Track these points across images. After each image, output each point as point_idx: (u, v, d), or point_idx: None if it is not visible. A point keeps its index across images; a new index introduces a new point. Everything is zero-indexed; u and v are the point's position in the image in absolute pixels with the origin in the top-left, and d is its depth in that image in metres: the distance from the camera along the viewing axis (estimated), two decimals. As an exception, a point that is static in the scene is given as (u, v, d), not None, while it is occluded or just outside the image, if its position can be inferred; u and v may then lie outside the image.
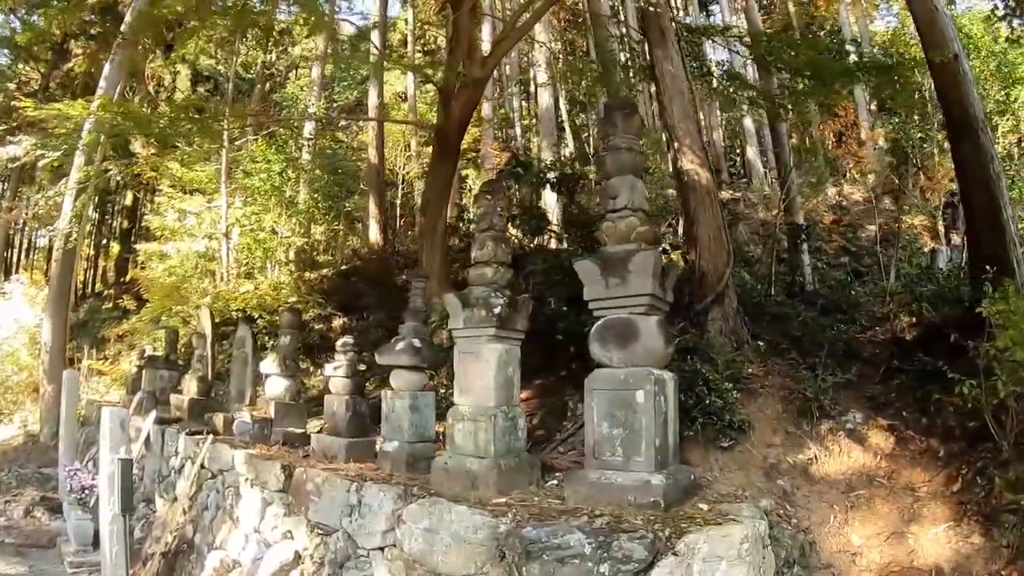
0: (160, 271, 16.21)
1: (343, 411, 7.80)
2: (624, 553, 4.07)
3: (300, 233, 16.59)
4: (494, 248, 6.12)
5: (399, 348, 7.03)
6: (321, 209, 17.00)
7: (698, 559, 4.08)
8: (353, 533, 5.68)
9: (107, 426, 8.36)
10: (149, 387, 12.85)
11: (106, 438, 8.37)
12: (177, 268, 15.82)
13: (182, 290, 14.99)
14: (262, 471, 7.39)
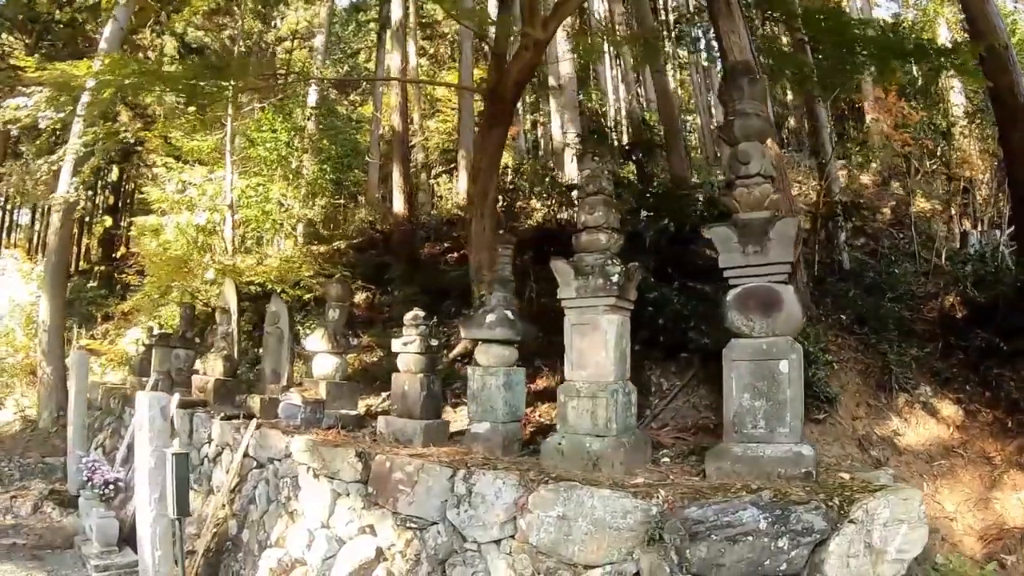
0: (155, 247, 14.44)
1: (417, 390, 6.74)
2: (803, 525, 3.73)
3: (309, 205, 14.96)
4: (605, 213, 5.44)
5: (491, 320, 6.17)
6: (328, 181, 15.38)
7: (878, 525, 3.86)
8: (461, 526, 4.84)
9: (145, 414, 6.88)
10: (162, 368, 11.19)
11: (144, 428, 6.87)
12: (172, 243, 14.07)
13: (190, 264, 13.27)
14: (331, 460, 6.25)
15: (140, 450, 6.98)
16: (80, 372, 10.29)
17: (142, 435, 6.94)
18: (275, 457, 7.25)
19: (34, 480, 10.77)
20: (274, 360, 9.39)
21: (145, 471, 6.88)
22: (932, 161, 15.59)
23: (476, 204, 10.16)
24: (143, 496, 6.92)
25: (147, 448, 6.89)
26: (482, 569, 4.68)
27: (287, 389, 8.65)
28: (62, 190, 12.54)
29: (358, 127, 18.32)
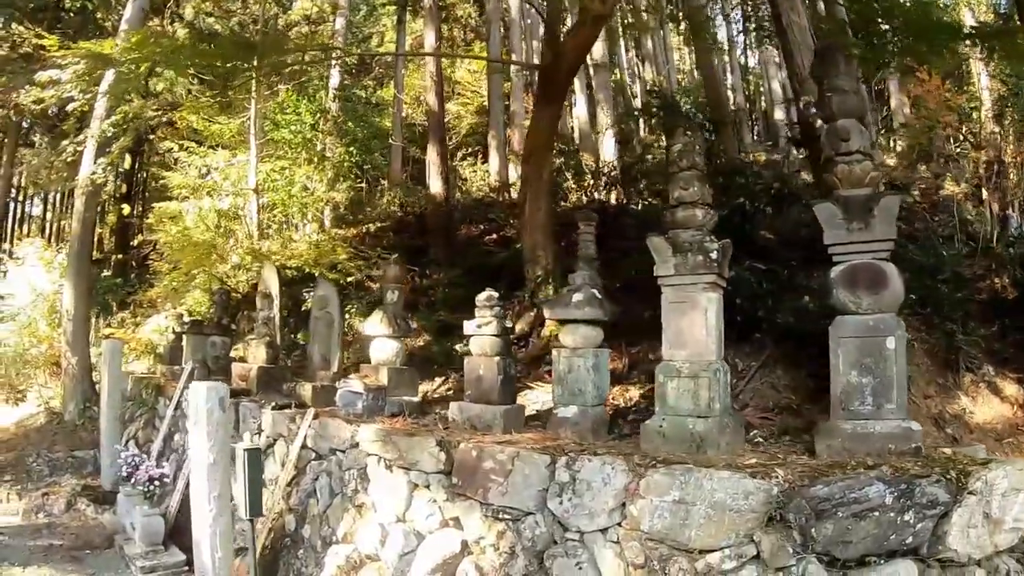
0: (174, 233, 13.52)
1: (494, 374, 6.18)
2: (928, 499, 3.71)
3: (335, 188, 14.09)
4: (700, 188, 5.16)
5: (578, 299, 5.75)
6: (354, 163, 14.51)
7: (996, 495, 3.85)
8: (563, 515, 4.49)
9: (202, 406, 6.09)
10: (197, 355, 10.35)
11: (202, 421, 6.09)
12: (193, 229, 13.16)
13: (217, 249, 12.39)
14: (408, 449, 5.71)
15: (196, 445, 6.18)
16: (113, 362, 9.45)
17: (199, 429, 6.14)
18: (338, 448, 6.62)
19: (64, 475, 9.94)
20: (324, 346, 8.62)
21: (203, 467, 6.10)
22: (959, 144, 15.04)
23: (530, 184, 9.44)
24: (200, 494, 6.13)
25: (204, 443, 6.10)
26: (586, 560, 4.35)
27: (345, 376, 7.89)
28: (85, 173, 11.62)
29: (376, 110, 17.37)
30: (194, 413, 6.22)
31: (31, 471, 10.01)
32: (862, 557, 3.62)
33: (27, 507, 8.94)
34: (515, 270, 10.38)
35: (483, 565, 4.83)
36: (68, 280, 11.70)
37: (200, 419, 6.10)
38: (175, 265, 13.01)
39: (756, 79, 19.95)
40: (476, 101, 18.34)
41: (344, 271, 11.06)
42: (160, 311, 15.77)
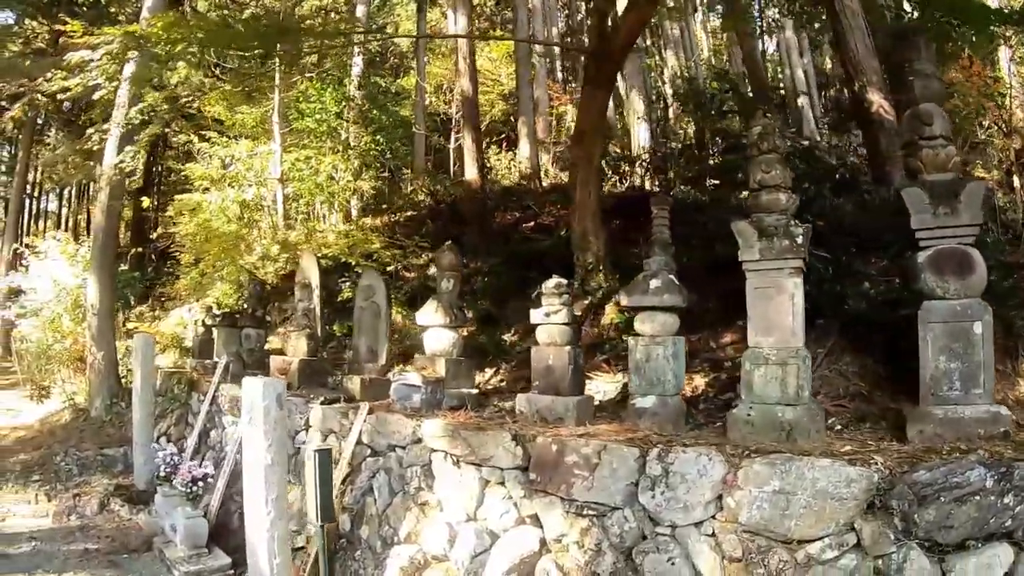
0: (193, 226, 12.92)
1: (564, 364, 5.84)
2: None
3: (362, 177, 13.49)
4: (782, 171, 5.00)
5: (656, 286, 5.44)
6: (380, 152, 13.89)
7: None
8: (655, 509, 4.23)
9: (259, 404, 5.49)
10: (230, 349, 9.76)
11: (258, 419, 5.51)
12: (213, 220, 12.54)
13: (246, 240, 11.77)
14: (480, 445, 5.31)
15: (252, 445, 5.59)
16: (145, 357, 8.81)
17: (254, 428, 5.55)
18: (398, 444, 6.11)
19: (94, 474, 9.30)
20: (370, 337, 8.01)
21: (260, 468, 5.50)
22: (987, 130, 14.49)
23: (580, 170, 8.85)
24: (257, 497, 5.55)
25: (261, 443, 5.50)
26: (678, 555, 4.09)
27: (401, 368, 7.29)
28: (109, 163, 10.96)
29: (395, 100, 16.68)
30: (248, 411, 5.63)
31: (59, 470, 9.38)
32: (962, 541, 3.49)
33: (58, 508, 8.32)
34: (558, 257, 9.81)
35: (565, 563, 4.52)
36: (92, 273, 11.05)
37: (256, 417, 5.51)
38: (199, 257, 12.37)
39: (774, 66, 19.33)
40: (496, 89, 17.70)
41: (380, 260, 10.43)
42: (183, 304, 15.17)
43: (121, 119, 10.77)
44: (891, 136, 8.46)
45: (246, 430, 5.69)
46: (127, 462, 9.67)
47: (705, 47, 21.26)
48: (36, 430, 11.04)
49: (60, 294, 11.82)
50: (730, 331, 7.22)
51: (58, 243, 12.43)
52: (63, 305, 11.77)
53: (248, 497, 5.65)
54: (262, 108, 13.15)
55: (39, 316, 11.70)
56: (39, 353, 11.59)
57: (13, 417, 11.96)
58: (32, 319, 11.77)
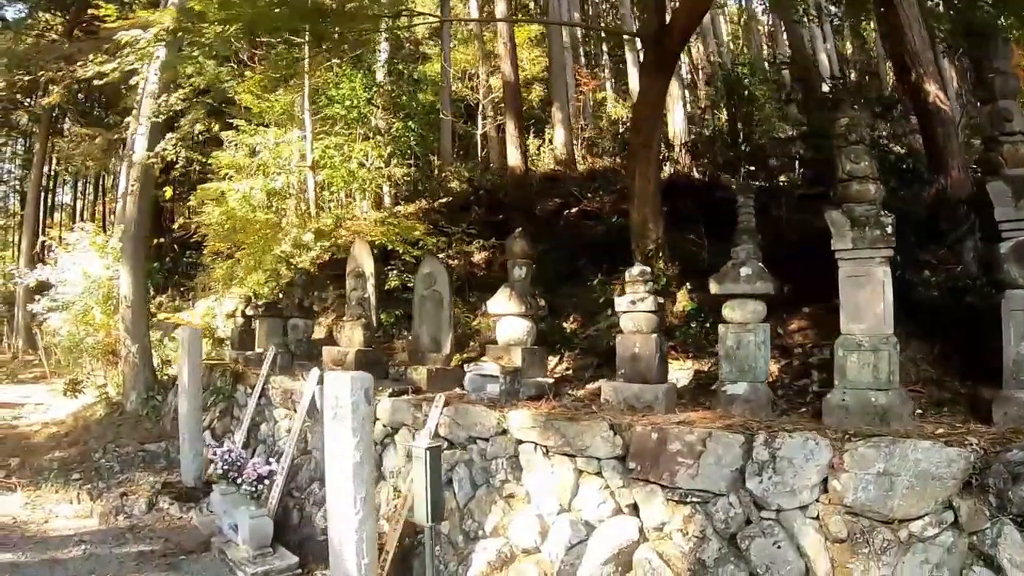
0: (218, 215, 12.30)
1: (651, 352, 5.64)
2: None
3: (396, 163, 12.92)
4: (869, 162, 4.97)
5: (747, 273, 5.29)
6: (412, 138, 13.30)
7: None
8: (762, 494, 4.15)
9: (345, 399, 4.97)
10: (273, 339, 9.21)
11: (346, 416, 4.97)
12: (237, 209, 11.93)
13: (284, 228, 11.17)
14: (576, 435, 5.06)
15: (338, 442, 5.09)
16: (192, 349, 8.23)
17: (341, 425, 5.06)
18: (480, 436, 5.78)
19: (136, 471, 8.72)
20: (433, 327, 7.50)
21: (348, 466, 5.00)
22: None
23: (639, 156, 8.32)
24: (344, 496, 5.04)
25: (349, 440, 5.00)
26: (783, 538, 4.03)
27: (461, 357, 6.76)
28: (140, 151, 10.35)
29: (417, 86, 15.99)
30: (332, 406, 5.12)
31: (100, 468, 8.80)
32: (1055, 517, 3.51)
33: (104, 509, 7.76)
34: (611, 244, 9.35)
35: (666, 551, 4.34)
36: (124, 264, 10.45)
37: (343, 413, 5.01)
38: (236, 246, 11.74)
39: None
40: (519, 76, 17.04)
41: (425, 247, 9.87)
42: (209, 294, 14.58)
43: (152, 108, 10.19)
44: (948, 127, 8.35)
45: (330, 426, 5.16)
46: (169, 458, 9.12)
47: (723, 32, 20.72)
48: (69, 426, 10.43)
49: (91, 286, 11.17)
50: (796, 318, 7.07)
51: (87, 234, 11.74)
52: (94, 298, 11.13)
53: (333, 496, 5.16)
54: (290, 95, 12.50)
55: (70, 309, 11.05)
56: (71, 347, 10.95)
57: (44, 412, 11.34)
58: (62, 312, 11.11)
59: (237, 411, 8.98)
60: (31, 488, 8.47)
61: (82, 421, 10.43)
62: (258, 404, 8.42)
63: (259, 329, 9.91)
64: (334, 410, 5.12)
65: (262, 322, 9.78)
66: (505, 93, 11.69)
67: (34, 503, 8.10)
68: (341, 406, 5.05)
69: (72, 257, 11.39)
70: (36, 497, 8.25)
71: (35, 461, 9.25)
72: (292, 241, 11.28)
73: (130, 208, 10.51)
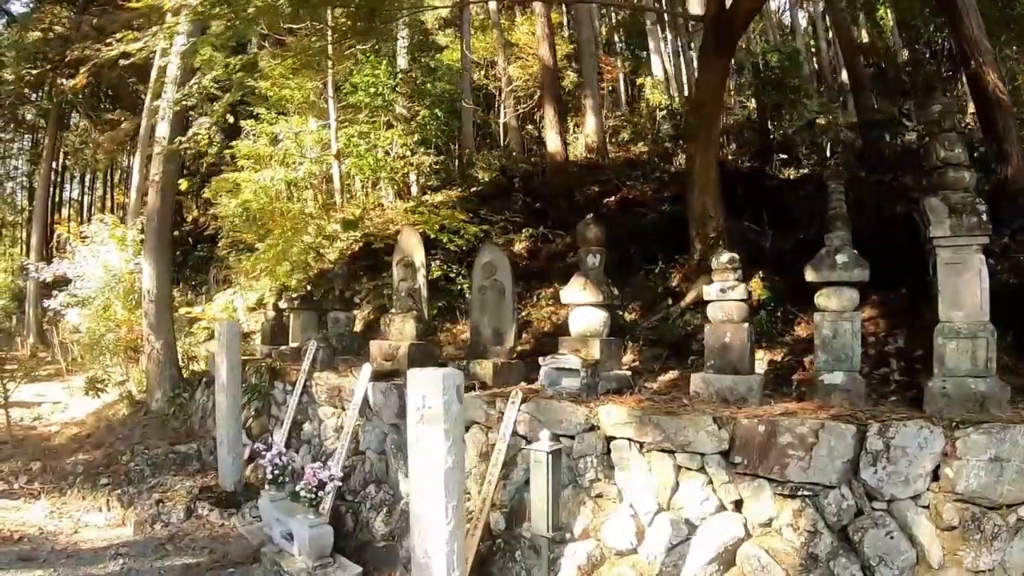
0: (233, 206, 11.54)
1: (743, 341, 5.27)
2: None
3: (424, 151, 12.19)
4: (963, 150, 4.78)
5: (843, 261, 5.01)
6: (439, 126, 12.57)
7: None
8: (876, 484, 3.97)
9: (435, 398, 4.32)
10: (308, 333, 8.51)
11: (437, 416, 4.31)
12: (253, 201, 11.18)
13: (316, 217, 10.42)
14: (677, 430, 4.65)
15: (426, 446, 4.44)
16: (232, 345, 7.47)
17: (429, 426, 4.41)
18: (566, 433, 5.19)
19: (168, 475, 7.96)
20: (495, 318, 6.83)
21: (438, 472, 4.33)
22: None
23: (700, 141, 7.86)
24: (433, 504, 4.37)
25: (440, 443, 4.35)
26: (895, 528, 3.91)
27: (533, 351, 6.08)
28: (164, 135, 9.55)
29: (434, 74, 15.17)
30: (418, 407, 4.46)
31: (130, 472, 8.02)
32: None
33: (139, 517, 7.00)
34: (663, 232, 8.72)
35: (774, 547, 4.08)
36: (147, 257, 9.64)
37: (433, 414, 4.35)
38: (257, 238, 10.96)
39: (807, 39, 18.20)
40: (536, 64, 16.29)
41: (465, 236, 9.15)
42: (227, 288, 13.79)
43: (175, 94, 9.40)
44: (1007, 116, 8.18)
45: (416, 429, 4.48)
46: (202, 460, 8.38)
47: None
48: (91, 426, 9.63)
49: (111, 281, 10.34)
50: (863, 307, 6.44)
51: (106, 226, 10.89)
52: (115, 292, 10.29)
53: (420, 504, 4.46)
54: (312, 83, 11.72)
55: (90, 305, 10.21)
56: (91, 344, 10.12)
57: (62, 411, 10.52)
58: (82, 308, 10.26)
59: (275, 409, 8.24)
60: (56, 495, 7.71)
61: (105, 421, 9.62)
62: (299, 402, 7.68)
63: (293, 323, 9.17)
64: (420, 411, 4.44)
65: (296, 315, 9.04)
66: (543, 77, 10.97)
67: (60, 511, 7.35)
68: (430, 406, 4.37)
69: (90, 250, 10.54)
70: (62, 504, 7.49)
71: (58, 465, 8.46)
72: (317, 231, 10.54)
73: (153, 199, 9.70)
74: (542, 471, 4.31)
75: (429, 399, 4.37)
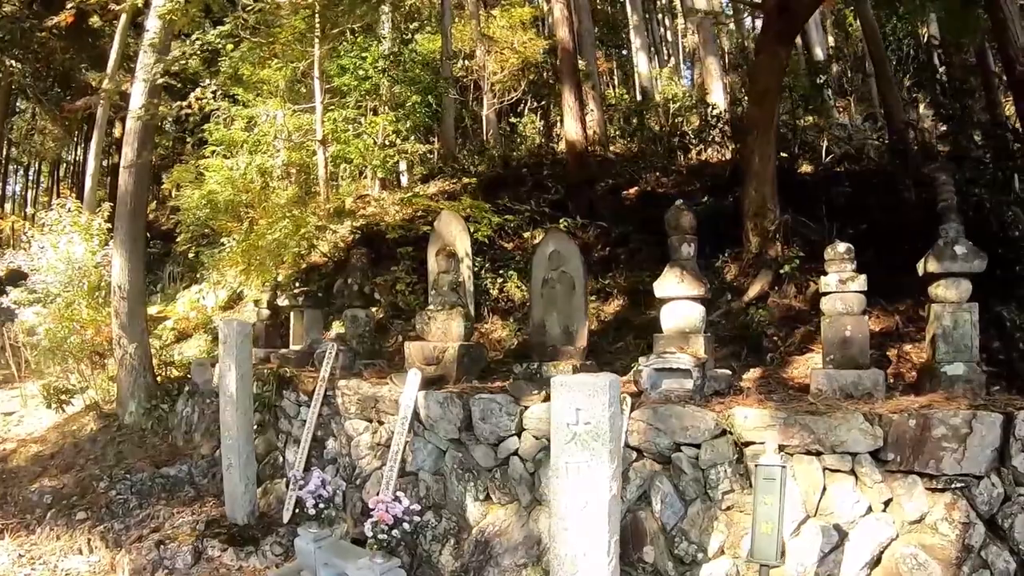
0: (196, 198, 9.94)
1: (864, 335, 4.82)
2: None
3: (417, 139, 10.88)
4: None
5: (962, 252, 4.68)
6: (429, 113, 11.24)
7: None
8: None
9: (600, 411, 3.36)
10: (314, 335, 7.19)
11: (602, 432, 3.40)
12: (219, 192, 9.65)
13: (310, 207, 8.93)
14: (829, 429, 4.01)
15: (585, 470, 3.29)
16: (242, 348, 6.00)
17: (586, 448, 3.35)
18: (690, 441, 4.37)
19: (160, 505, 6.41)
20: (564, 315, 5.66)
21: (602, 503, 3.36)
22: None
23: (759, 131, 7.10)
24: (595, 541, 3.39)
25: (604, 467, 3.35)
26: None
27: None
28: (135, 109, 7.90)
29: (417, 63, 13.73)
30: (568, 423, 3.40)
31: (112, 503, 6.42)
32: None
33: (135, 564, 5.49)
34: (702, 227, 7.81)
35: (928, 542, 3.78)
36: (117, 248, 7.94)
37: (594, 431, 3.37)
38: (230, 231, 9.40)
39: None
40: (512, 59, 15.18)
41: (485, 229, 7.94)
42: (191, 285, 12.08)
43: (150, 62, 7.80)
44: None
45: (565, 451, 3.37)
46: (196, 484, 6.88)
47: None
48: (54, 444, 7.83)
49: (75, 275, 8.51)
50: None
51: (69, 213, 8.99)
52: (79, 289, 8.48)
53: (569, 542, 3.43)
54: (295, 63, 10.20)
55: (51, 303, 8.34)
56: (53, 348, 8.27)
57: (16, 424, 8.62)
58: (40, 306, 8.38)
59: (284, 423, 6.79)
60: (22, 532, 6.08)
61: (70, 438, 7.84)
62: (321, 416, 6.29)
63: (294, 322, 7.75)
64: (573, 429, 3.35)
65: (298, 314, 7.62)
66: (562, 62, 9.79)
67: (30, 554, 5.76)
68: (588, 422, 3.31)
69: (50, 240, 8.65)
70: (31, 546, 5.88)
71: (20, 493, 6.76)
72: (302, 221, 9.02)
73: (125, 180, 8.01)
74: (774, 489, 3.44)
75: (588, 413, 3.28)
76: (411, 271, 8.33)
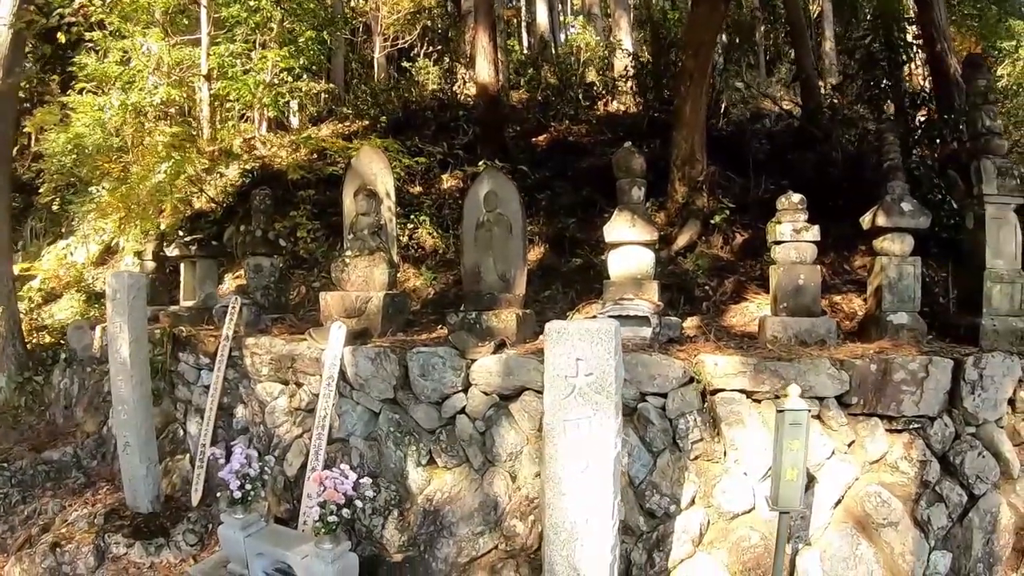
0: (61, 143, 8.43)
1: (816, 283, 4.79)
2: None
3: (312, 78, 9.57)
4: (999, 120, 4.91)
5: (909, 208, 4.73)
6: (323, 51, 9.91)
7: None
8: (974, 411, 4.01)
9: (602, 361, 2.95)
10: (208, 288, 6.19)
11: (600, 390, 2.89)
12: (86, 136, 8.23)
13: (192, 149, 7.57)
14: (798, 375, 3.85)
15: (585, 427, 2.83)
16: (135, 306, 4.89)
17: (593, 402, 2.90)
18: (656, 391, 4.01)
19: (46, 497, 5.26)
20: (501, 261, 5.00)
21: (606, 462, 2.85)
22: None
23: (693, 81, 6.68)
24: (596, 504, 2.91)
25: (610, 426, 2.88)
26: (981, 447, 4.00)
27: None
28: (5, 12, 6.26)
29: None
30: (568, 374, 2.85)
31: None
32: None
33: (29, 573, 4.37)
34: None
35: (891, 480, 3.88)
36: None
37: (596, 383, 2.81)
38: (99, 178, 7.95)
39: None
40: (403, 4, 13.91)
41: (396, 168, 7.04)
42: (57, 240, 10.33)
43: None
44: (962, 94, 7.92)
45: (562, 406, 2.84)
46: (84, 468, 5.76)
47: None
48: (-102, 430, 6.30)
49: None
50: (856, 255, 6.48)
51: None
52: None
53: (566, 507, 2.92)
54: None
55: None
56: None
57: None
58: None
59: (183, 390, 5.74)
60: None
61: (-88, 422, 6.35)
62: (227, 380, 5.33)
63: (185, 274, 6.58)
64: (572, 381, 2.81)
65: (189, 265, 6.47)
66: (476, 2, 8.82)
67: None
68: (589, 373, 2.80)
69: None
70: None
71: None
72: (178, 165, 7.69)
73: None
74: (800, 434, 3.18)
75: (589, 364, 2.72)
76: (312, 216, 7.32)
